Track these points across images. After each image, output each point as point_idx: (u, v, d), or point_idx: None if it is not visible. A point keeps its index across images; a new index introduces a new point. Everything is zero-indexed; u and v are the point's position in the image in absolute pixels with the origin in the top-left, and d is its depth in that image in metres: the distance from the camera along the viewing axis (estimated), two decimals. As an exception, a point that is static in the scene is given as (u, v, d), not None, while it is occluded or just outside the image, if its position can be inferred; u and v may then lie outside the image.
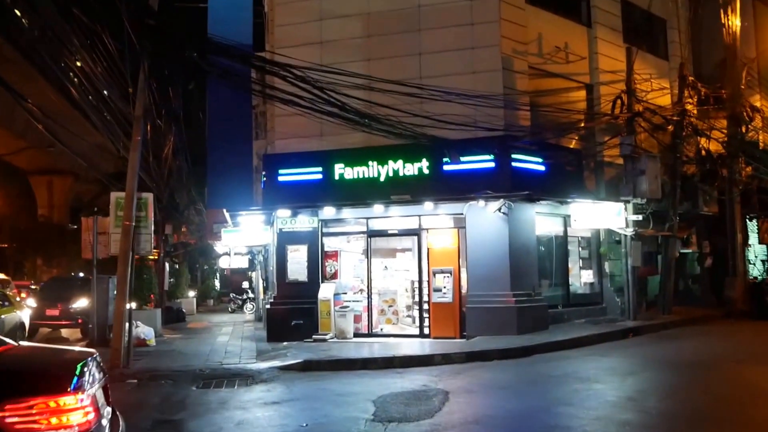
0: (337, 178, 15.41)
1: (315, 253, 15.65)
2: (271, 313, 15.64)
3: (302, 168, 15.65)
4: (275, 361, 12.22)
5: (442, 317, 14.86)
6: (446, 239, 15.18)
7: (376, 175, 15.24)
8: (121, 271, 12.07)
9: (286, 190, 15.67)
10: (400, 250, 19.54)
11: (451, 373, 10.97)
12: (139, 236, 12.47)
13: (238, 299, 28.64)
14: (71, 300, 17.63)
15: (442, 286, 14.91)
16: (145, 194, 12.80)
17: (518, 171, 15.01)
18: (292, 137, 15.99)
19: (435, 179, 15.04)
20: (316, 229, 15.70)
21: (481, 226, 14.91)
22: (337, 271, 15.88)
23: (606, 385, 9.57)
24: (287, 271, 15.68)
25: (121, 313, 11.97)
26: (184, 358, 13.13)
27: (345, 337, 14.90)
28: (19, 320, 14.50)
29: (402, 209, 15.33)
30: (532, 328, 14.66)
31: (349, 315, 15.04)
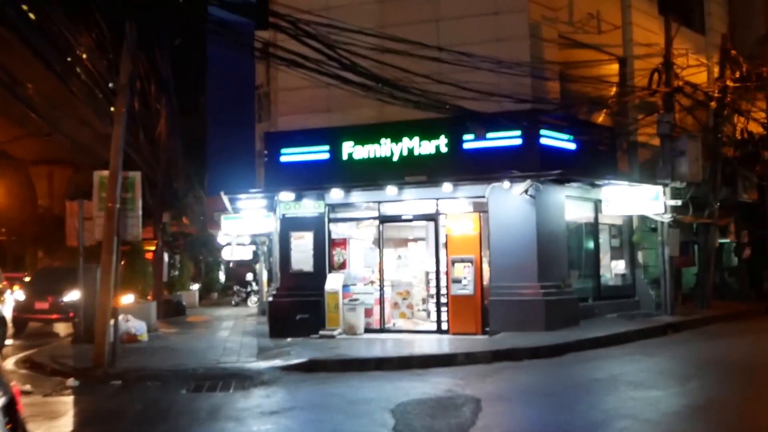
0: (346, 157, 13.98)
1: (321, 240, 14.24)
2: (274, 306, 14.25)
3: (307, 147, 14.23)
4: (277, 360, 10.84)
5: (462, 311, 13.41)
6: (466, 225, 13.71)
7: (389, 154, 13.80)
8: (104, 259, 10.70)
9: (290, 172, 14.26)
10: (413, 239, 18.22)
11: (478, 375, 9.55)
12: (125, 220, 11.12)
13: (242, 292, 27.32)
14: (62, 292, 16.24)
15: (462, 276, 13.45)
16: (133, 173, 11.45)
17: (547, 149, 13.53)
18: (296, 113, 14.59)
19: (454, 158, 13.60)
20: (323, 214, 14.28)
21: (506, 210, 13.47)
22: (346, 261, 14.45)
23: (664, 391, 8.11)
24: (291, 261, 14.28)
25: (105, 306, 10.62)
26: (177, 355, 11.77)
27: (355, 332, 13.49)
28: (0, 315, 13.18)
29: (417, 192, 13.89)
30: (561, 323, 13.23)
31: (359, 309, 13.63)
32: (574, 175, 13.46)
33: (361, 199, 14.27)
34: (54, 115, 23.87)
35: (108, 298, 10.60)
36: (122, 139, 10.98)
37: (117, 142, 10.91)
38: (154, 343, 13.22)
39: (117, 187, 10.79)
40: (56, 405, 8.31)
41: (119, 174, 10.85)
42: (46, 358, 11.38)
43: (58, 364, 10.93)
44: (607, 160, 15.14)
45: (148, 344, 13.09)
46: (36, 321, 17.31)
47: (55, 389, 9.31)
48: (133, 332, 13.15)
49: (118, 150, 10.88)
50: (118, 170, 10.83)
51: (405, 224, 19.18)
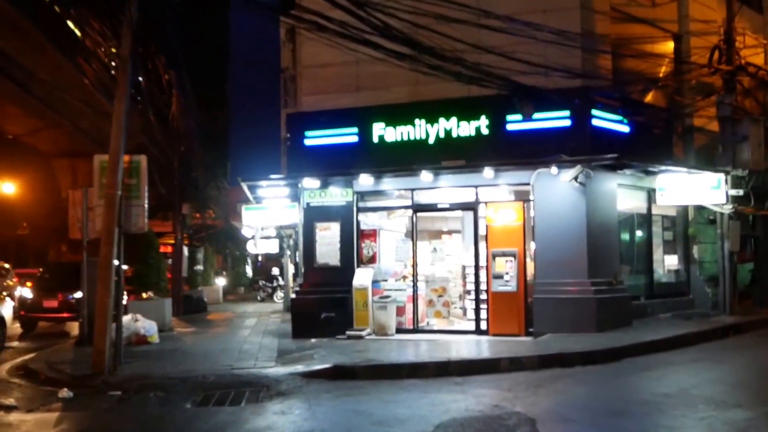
0: (376, 140, 12.76)
1: (349, 232, 13.05)
2: (297, 303, 13.11)
3: (334, 129, 13.04)
4: (298, 365, 9.69)
5: (504, 310, 12.15)
6: (509, 215, 12.42)
7: (424, 137, 12.54)
8: (104, 253, 9.64)
9: (315, 156, 13.09)
10: (447, 232, 17.03)
11: (527, 385, 8.26)
12: (129, 209, 10.04)
13: (267, 287, 26.33)
14: (73, 289, 15.18)
15: (504, 272, 12.21)
16: (137, 156, 10.36)
17: (599, 131, 12.15)
18: (322, 93, 13.41)
19: (496, 141, 12.30)
20: (351, 203, 13.09)
21: (553, 199, 12.13)
22: (376, 254, 13.25)
23: (753, 412, 6.74)
24: (316, 254, 13.12)
25: (104, 305, 9.56)
26: (188, 359, 10.69)
27: (385, 333, 12.30)
28: (-5, 315, 12.23)
29: (455, 178, 12.62)
30: (613, 324, 11.87)
31: (390, 306, 12.42)
32: (632, 160, 12.02)
33: (393, 186, 13.05)
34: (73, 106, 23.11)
35: (107, 297, 9.54)
36: (124, 117, 9.89)
37: (119, 120, 9.82)
38: (165, 345, 12.16)
39: (118, 171, 9.71)
40: (37, 423, 7.19)
41: (121, 157, 9.77)
42: (42, 365, 10.34)
43: (54, 371, 9.87)
44: (662, 144, 13.71)
45: (158, 346, 12.04)
46: (45, 320, 16.43)
47: (44, 403, 8.17)
48: (143, 333, 12.12)
49: (120, 130, 9.80)
50: (120, 152, 9.74)
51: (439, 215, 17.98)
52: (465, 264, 14.01)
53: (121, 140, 9.77)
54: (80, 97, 21.09)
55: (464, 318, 13.92)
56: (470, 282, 13.88)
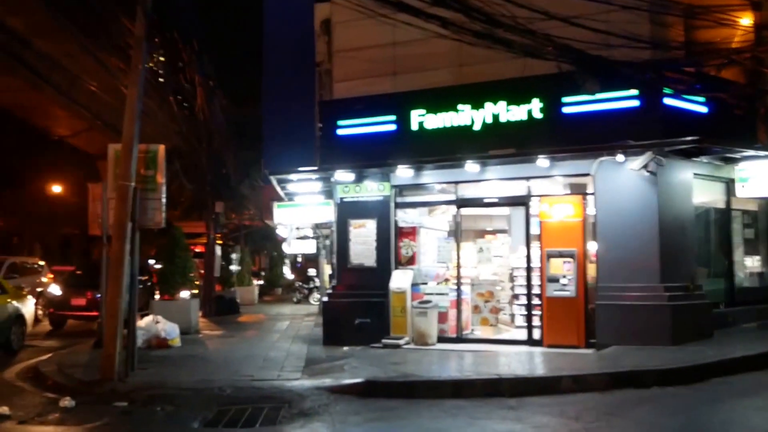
0: (416, 128, 11.48)
1: (386, 229, 11.82)
2: (329, 307, 11.93)
3: (369, 117, 11.82)
4: (326, 377, 8.49)
5: (561, 318, 10.71)
6: (566, 210, 10.98)
7: (469, 123, 11.21)
8: (115, 249, 8.66)
9: (349, 147, 11.89)
10: (491, 232, 15.67)
11: (598, 412, 6.86)
12: (145, 202, 9.05)
13: (304, 288, 25.29)
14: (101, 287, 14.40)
15: (561, 274, 10.77)
16: (154, 146, 9.35)
17: (672, 112, 10.61)
18: (356, 78, 12.23)
19: (550, 126, 10.89)
20: (388, 198, 11.85)
21: (617, 191, 10.66)
22: (415, 254, 11.97)
23: None
24: (350, 254, 11.92)
25: (114, 306, 8.57)
26: (207, 367, 9.61)
27: (425, 342, 11.01)
28: (14, 312, 11.42)
29: (504, 170, 11.27)
30: (691, 335, 10.31)
31: (431, 313, 11.12)
32: (714, 144, 10.43)
33: (435, 179, 11.76)
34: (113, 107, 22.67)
35: (118, 297, 8.54)
36: (139, 102, 8.87)
37: (132, 106, 8.81)
38: (186, 350, 11.13)
39: (131, 161, 8.71)
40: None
41: (135, 145, 8.76)
42: (52, 368, 9.45)
43: (63, 375, 8.97)
44: (744, 128, 11.99)
45: (178, 351, 11.02)
46: (73, 318, 15.77)
47: (41, 412, 7.29)
48: (163, 336, 11.14)
49: (134, 115, 8.78)
50: (134, 140, 8.73)
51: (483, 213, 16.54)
52: (513, 266, 12.65)
53: (134, 127, 8.76)
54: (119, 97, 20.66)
55: (512, 325, 12.55)
56: (519, 286, 12.54)
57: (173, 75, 15.92)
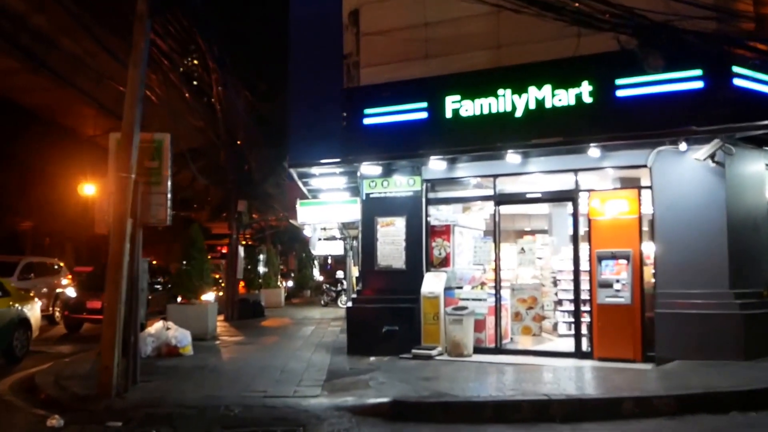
0: (450, 115, 10.35)
1: (416, 228, 10.75)
2: (354, 314, 10.88)
3: (398, 104, 10.71)
4: (348, 395, 7.45)
5: (614, 327, 9.53)
6: (619, 206, 9.80)
7: (510, 109, 10.04)
8: (114, 248, 7.75)
9: (375, 138, 10.81)
10: (529, 232, 14.57)
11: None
12: (148, 196, 8.16)
13: (331, 291, 24.33)
14: None
15: (614, 278, 9.61)
16: (160, 135, 8.44)
17: (743, 94, 9.27)
18: (385, 62, 11.16)
19: (602, 111, 9.65)
20: (419, 193, 10.79)
21: (679, 184, 9.43)
22: (449, 255, 10.88)
23: None
24: (377, 255, 10.88)
25: (113, 311, 7.65)
26: (217, 380, 8.63)
27: (460, 353, 9.90)
28: (17, 317, 10.61)
29: (548, 161, 10.13)
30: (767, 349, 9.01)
31: (467, 320, 10.01)
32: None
33: (470, 172, 10.66)
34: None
35: (115, 303, 7.62)
36: (141, 85, 7.96)
37: (133, 89, 7.90)
38: (198, 359, 10.19)
39: (132, 150, 7.79)
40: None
41: (136, 133, 7.85)
42: (49, 379, 8.58)
43: (58, 389, 8.08)
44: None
45: (189, 360, 10.07)
46: (89, 322, 15.01)
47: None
48: (174, 344, 10.23)
49: (135, 99, 7.87)
50: (134, 128, 7.82)
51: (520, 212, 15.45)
52: (556, 269, 11.52)
53: (135, 112, 7.84)
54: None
55: (554, 334, 11.40)
56: (563, 290, 11.44)
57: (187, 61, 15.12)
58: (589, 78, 9.74)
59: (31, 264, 16.40)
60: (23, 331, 10.78)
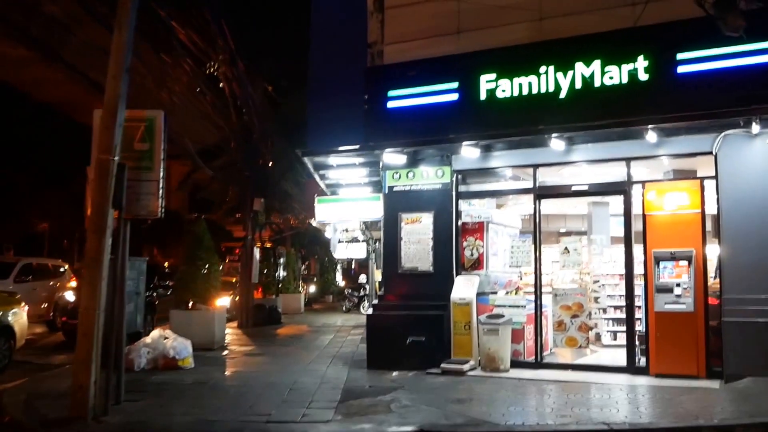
0: (484, 97, 9.16)
1: (446, 225, 9.55)
2: (375, 322, 9.66)
3: (426, 85, 9.56)
4: (365, 420, 6.28)
5: (674, 338, 8.23)
6: (679, 200, 8.51)
7: (553, 89, 8.81)
8: (91, 245, 6.63)
9: (400, 122, 9.66)
10: (564, 233, 13.32)
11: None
12: (137, 184, 7.08)
13: (354, 296, 23.13)
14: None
15: (673, 282, 8.31)
16: (152, 112, 7.37)
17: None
18: (411, 39, 10.01)
19: (660, 90, 8.40)
20: (448, 186, 9.58)
21: (750, 173, 8.10)
22: (482, 256, 9.65)
23: None
24: (400, 256, 9.68)
25: (91, 318, 6.52)
26: (215, 400, 7.46)
27: (496, 367, 8.65)
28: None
29: (596, 149, 8.88)
30: None
31: (504, 330, 8.76)
32: None
33: (507, 161, 9.43)
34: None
35: (93, 309, 6.49)
36: (128, 52, 6.85)
37: (119, 56, 6.79)
38: (198, 373, 9.04)
39: (115, 128, 6.68)
40: None
41: (120, 108, 6.73)
42: (19, 398, 7.45)
43: (27, 410, 6.94)
44: None
45: (188, 374, 8.93)
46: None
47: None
48: (172, 355, 9.11)
49: (121, 69, 6.76)
50: (118, 101, 6.71)
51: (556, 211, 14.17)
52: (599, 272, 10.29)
53: (120, 84, 6.74)
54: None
55: (597, 344, 10.12)
56: (609, 296, 10.18)
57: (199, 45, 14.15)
58: (646, 52, 8.51)
59: (30, 266, 15.35)
60: (4, 339, 9.69)
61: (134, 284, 9.59)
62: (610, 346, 10.47)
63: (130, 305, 9.51)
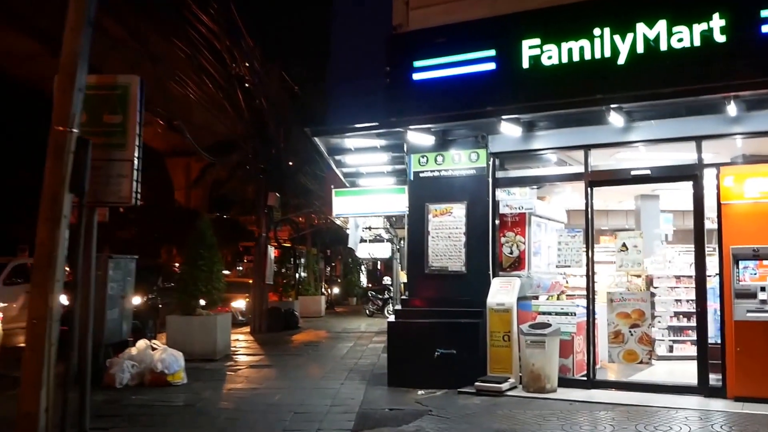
0: (527, 65, 7.74)
1: (481, 218, 8.16)
2: (397, 331, 8.28)
3: (457, 53, 8.16)
4: (383, 459, 4.91)
5: (760, 354, 6.73)
6: (762, 186, 7.01)
7: (610, 54, 7.37)
8: (42, 236, 5.32)
9: (427, 96, 8.29)
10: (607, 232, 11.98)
11: None
12: (105, 164, 5.80)
13: (377, 299, 21.76)
14: None
15: (757, 286, 6.87)
16: (125, 77, 6.08)
17: None
18: (440, 2, 8.60)
19: (739, 54, 6.93)
20: (483, 171, 8.19)
21: None
22: (524, 255, 8.22)
23: None
24: (428, 254, 8.31)
25: (41, 330, 5.23)
26: (200, 428, 6.17)
27: (541, 387, 7.23)
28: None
29: (660, 127, 7.41)
30: None
31: (551, 342, 7.32)
32: None
33: (553, 142, 8.02)
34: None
35: (44, 315, 5.22)
36: (90, 4, 5.58)
37: (79, 5, 5.50)
38: (189, 390, 7.77)
39: (74, 93, 5.40)
40: None
41: (80, 69, 5.43)
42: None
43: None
44: None
45: (177, 392, 7.64)
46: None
47: None
48: (160, 369, 7.84)
49: (82, 21, 5.44)
50: (78, 60, 5.40)
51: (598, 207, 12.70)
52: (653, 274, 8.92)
53: (81, 40, 5.42)
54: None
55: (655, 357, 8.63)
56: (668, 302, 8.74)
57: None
58: (722, 10, 7.00)
59: (24, 267, 14.12)
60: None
61: (119, 286, 8.39)
62: (665, 358, 9.07)
63: (114, 311, 8.29)
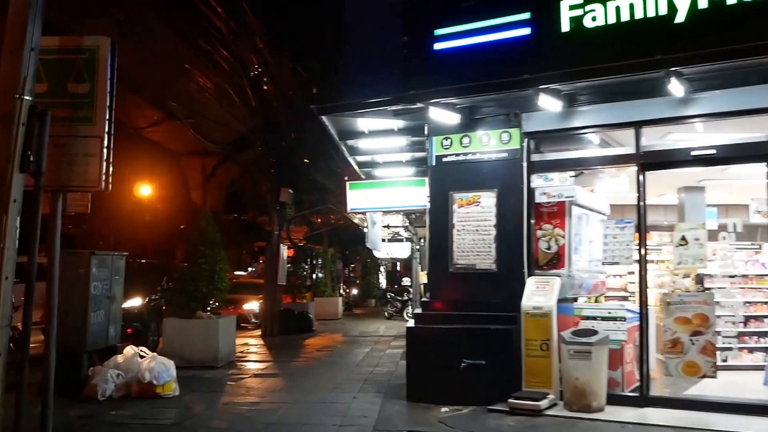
0: (567, 28, 6.65)
1: (514, 208, 7.08)
2: (416, 337, 7.22)
3: (485, 20, 7.09)
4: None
5: None
6: None
7: (666, 11, 6.24)
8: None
9: (450, 68, 7.22)
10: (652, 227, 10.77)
11: None
12: (71, 142, 4.79)
13: (396, 301, 20.71)
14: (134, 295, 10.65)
15: None
16: (92, 39, 5.07)
17: None
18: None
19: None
20: (517, 154, 7.11)
21: None
22: (564, 250, 7.12)
23: None
24: (452, 250, 7.24)
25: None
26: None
27: (587, 404, 6.13)
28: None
29: (727, 97, 6.26)
30: None
31: (598, 352, 6.21)
32: None
33: (598, 118, 6.90)
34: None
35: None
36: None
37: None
38: (180, 405, 6.79)
39: (23, 54, 4.42)
40: None
41: (32, 25, 4.46)
42: None
43: None
44: None
45: (166, 406, 6.68)
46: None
47: None
48: (148, 380, 6.89)
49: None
50: (29, 14, 4.44)
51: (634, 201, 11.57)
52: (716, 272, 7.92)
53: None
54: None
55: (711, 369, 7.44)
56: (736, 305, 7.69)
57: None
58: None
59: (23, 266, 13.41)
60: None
61: (105, 286, 7.47)
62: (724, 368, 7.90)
63: (99, 314, 7.35)
